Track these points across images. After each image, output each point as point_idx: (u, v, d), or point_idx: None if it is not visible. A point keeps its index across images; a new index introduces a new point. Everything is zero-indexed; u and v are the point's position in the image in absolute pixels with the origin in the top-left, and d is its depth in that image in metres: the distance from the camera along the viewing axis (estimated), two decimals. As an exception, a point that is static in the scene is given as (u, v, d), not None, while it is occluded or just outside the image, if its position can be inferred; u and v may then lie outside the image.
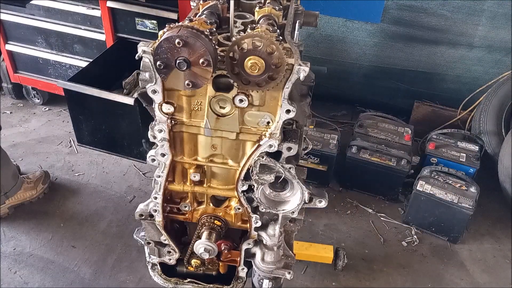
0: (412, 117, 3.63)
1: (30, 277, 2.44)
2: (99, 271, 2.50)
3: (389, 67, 3.58)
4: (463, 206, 2.67)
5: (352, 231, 2.87)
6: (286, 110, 1.21)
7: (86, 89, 2.57)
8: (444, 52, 3.44)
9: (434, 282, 2.60)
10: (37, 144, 3.37)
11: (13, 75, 3.50)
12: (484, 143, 3.13)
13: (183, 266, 1.69)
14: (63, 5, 3.03)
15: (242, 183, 1.38)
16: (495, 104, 3.22)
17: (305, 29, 3.34)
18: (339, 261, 2.53)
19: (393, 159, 2.97)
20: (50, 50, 3.30)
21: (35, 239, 2.65)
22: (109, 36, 3.03)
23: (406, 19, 3.36)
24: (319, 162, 3.04)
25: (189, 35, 1.06)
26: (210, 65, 1.08)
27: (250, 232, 1.52)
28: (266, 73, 1.11)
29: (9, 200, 2.72)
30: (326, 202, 1.42)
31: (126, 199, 2.96)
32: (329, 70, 3.54)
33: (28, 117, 3.65)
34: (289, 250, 1.63)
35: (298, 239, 2.62)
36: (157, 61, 1.10)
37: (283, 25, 1.44)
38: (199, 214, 1.54)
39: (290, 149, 1.30)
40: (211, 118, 1.27)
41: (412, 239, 2.84)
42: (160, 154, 1.35)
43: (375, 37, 3.47)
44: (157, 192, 1.44)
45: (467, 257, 2.77)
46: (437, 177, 2.82)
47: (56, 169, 3.15)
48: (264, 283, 1.65)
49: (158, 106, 1.26)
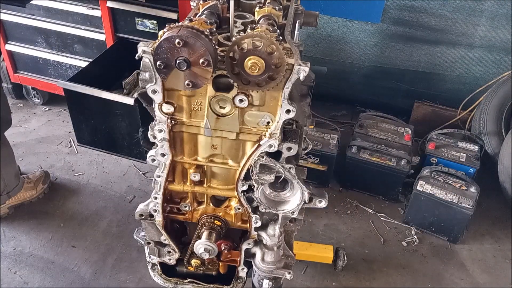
0: (412, 117, 3.63)
1: (30, 277, 2.44)
2: (99, 271, 2.50)
3: (389, 67, 3.58)
4: (463, 206, 2.67)
5: (352, 231, 2.87)
6: (286, 110, 1.21)
7: (86, 89, 2.57)
8: (444, 52, 3.44)
9: (434, 282, 2.60)
10: (37, 144, 3.37)
11: (13, 75, 3.50)
12: (484, 143, 3.13)
13: (183, 266, 1.69)
14: (63, 5, 3.03)
15: (242, 183, 1.38)
16: (495, 104, 3.22)
17: (305, 29, 3.34)
18: (339, 261, 2.53)
19: (393, 159, 2.97)
20: (50, 50, 3.30)
21: (35, 239, 2.65)
22: (109, 36, 3.03)
23: (406, 19, 3.35)
24: (319, 162, 3.04)
25: (189, 35, 1.06)
26: (210, 65, 1.08)
27: (250, 232, 1.52)
28: (266, 73, 1.11)
29: (9, 200, 2.72)
30: (326, 202, 1.42)
31: (126, 199, 2.96)
32: (329, 70, 3.53)
33: (28, 117, 3.65)
34: (289, 250, 1.63)
35: (298, 239, 2.62)
36: (157, 61, 1.10)
37: (283, 25, 1.44)
38: (199, 214, 1.54)
39: (290, 149, 1.30)
40: (211, 118, 1.27)
41: (412, 239, 2.84)
42: (160, 154, 1.35)
43: (375, 37, 3.47)
44: (157, 192, 1.44)
45: (467, 257, 2.77)
46: (437, 177, 2.82)
47: (56, 169, 3.15)
48: (264, 283, 1.65)
49: (158, 106, 1.26)
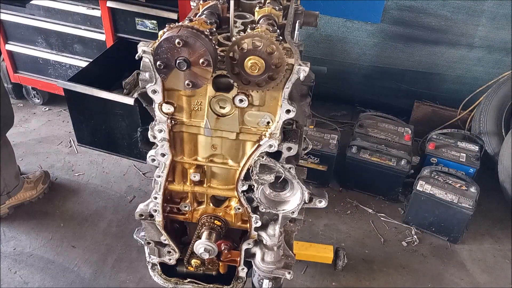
0: (412, 117, 3.63)
1: (30, 277, 2.44)
2: (99, 271, 2.50)
3: (389, 67, 3.58)
4: (463, 206, 2.67)
5: (352, 231, 2.87)
6: (286, 110, 1.21)
7: (86, 89, 2.57)
8: (444, 52, 3.44)
9: (434, 282, 2.60)
10: (37, 144, 3.37)
11: (13, 75, 3.50)
12: (484, 143, 3.13)
13: (183, 266, 1.69)
14: (63, 5, 3.03)
15: (242, 183, 1.38)
16: (495, 104, 3.22)
17: (305, 29, 3.34)
18: (339, 261, 2.53)
19: (393, 159, 2.97)
20: (50, 50, 3.30)
21: (35, 239, 2.65)
22: (109, 36, 3.03)
23: (406, 19, 3.35)
24: (319, 162, 3.04)
25: (189, 35, 1.06)
26: (210, 65, 1.08)
27: (250, 232, 1.52)
28: (266, 73, 1.11)
29: (9, 200, 2.72)
30: (326, 202, 1.42)
31: (126, 199, 2.96)
32: (329, 70, 3.52)
33: (28, 117, 3.65)
34: (289, 250, 1.62)
35: (298, 239, 2.62)
36: (157, 61, 1.10)
37: (283, 25, 1.44)
38: (199, 214, 1.54)
39: (290, 149, 1.30)
40: (211, 118, 1.27)
41: (412, 239, 2.84)
42: (160, 154, 1.35)
43: (375, 37, 3.47)
44: (157, 192, 1.44)
45: (467, 257, 2.77)
46: (437, 177, 2.82)
47: (56, 169, 3.15)
48: (264, 283, 1.65)
49: (158, 106, 1.26)
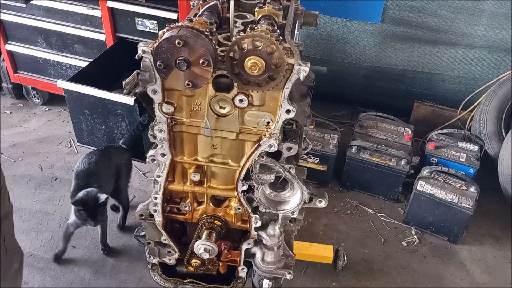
0: (412, 117, 3.63)
1: (30, 277, 2.43)
2: (99, 271, 2.50)
3: (389, 67, 3.58)
4: (463, 206, 2.67)
5: (352, 231, 2.87)
6: (286, 110, 1.21)
7: (86, 89, 2.57)
8: (444, 53, 3.44)
9: (434, 282, 2.60)
10: (37, 144, 3.36)
11: (13, 75, 3.50)
12: (484, 143, 3.13)
13: (183, 266, 1.69)
14: (63, 5, 3.03)
15: (242, 183, 1.38)
16: (495, 104, 3.22)
17: (305, 29, 3.34)
18: (339, 261, 2.53)
19: (393, 159, 2.97)
20: (50, 50, 3.30)
21: (35, 239, 2.64)
22: (109, 36, 3.03)
23: (406, 19, 3.35)
24: (319, 162, 3.04)
25: (189, 35, 1.06)
26: (210, 65, 1.08)
27: (250, 232, 1.52)
28: (266, 73, 1.11)
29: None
30: (326, 202, 1.42)
31: (126, 199, 2.96)
32: (329, 70, 3.53)
33: (28, 117, 3.65)
34: (289, 250, 1.63)
35: (298, 239, 2.61)
36: (157, 61, 1.10)
37: (283, 25, 1.44)
38: (199, 214, 1.54)
39: (290, 149, 1.30)
40: (211, 118, 1.27)
41: (412, 239, 2.84)
42: (160, 154, 1.36)
43: (375, 37, 3.47)
44: (157, 192, 1.45)
45: (467, 257, 2.77)
46: (437, 177, 2.82)
47: (56, 169, 3.15)
48: (264, 283, 1.65)
49: (158, 106, 1.26)
